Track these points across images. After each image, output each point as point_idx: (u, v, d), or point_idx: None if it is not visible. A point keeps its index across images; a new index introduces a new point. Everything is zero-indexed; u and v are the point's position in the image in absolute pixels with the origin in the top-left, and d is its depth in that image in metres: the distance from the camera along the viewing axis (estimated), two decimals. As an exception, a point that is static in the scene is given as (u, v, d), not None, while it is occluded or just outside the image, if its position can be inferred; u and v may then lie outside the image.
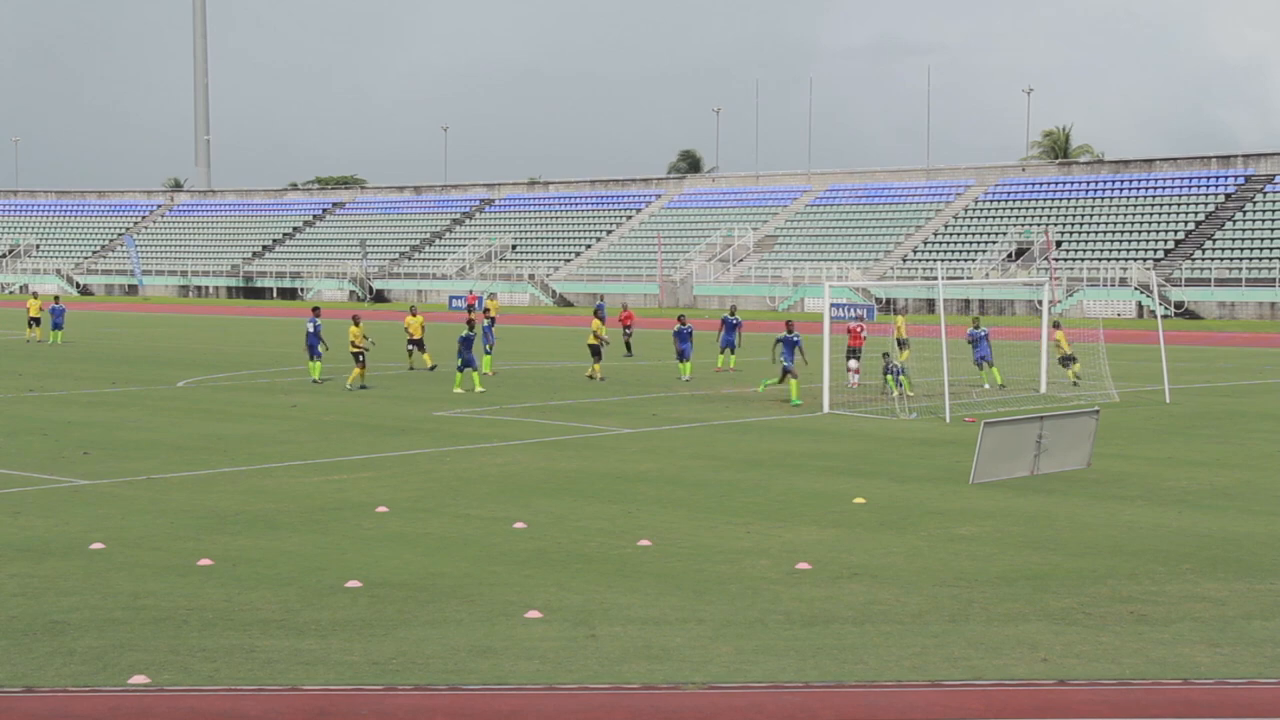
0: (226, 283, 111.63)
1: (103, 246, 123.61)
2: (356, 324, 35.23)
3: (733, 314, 42.02)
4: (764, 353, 45.62)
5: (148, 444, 24.57)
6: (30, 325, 54.46)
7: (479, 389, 33.95)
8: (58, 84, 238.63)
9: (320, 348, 35.72)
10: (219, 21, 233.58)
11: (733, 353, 41.13)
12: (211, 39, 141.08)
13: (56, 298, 57.47)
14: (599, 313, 39.81)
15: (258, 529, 16.96)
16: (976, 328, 36.13)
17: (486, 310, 43.70)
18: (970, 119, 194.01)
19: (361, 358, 34.68)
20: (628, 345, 46.19)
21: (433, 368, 39.67)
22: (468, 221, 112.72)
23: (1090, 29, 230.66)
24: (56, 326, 53.04)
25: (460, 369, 34.34)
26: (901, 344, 41.41)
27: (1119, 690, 10.90)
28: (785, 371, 31.79)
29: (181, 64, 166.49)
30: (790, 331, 32.64)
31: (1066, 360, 36.25)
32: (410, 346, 40.59)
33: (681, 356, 37.80)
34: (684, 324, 38.53)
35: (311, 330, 35.68)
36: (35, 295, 59.91)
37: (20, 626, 12.52)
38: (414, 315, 41.00)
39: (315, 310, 37.32)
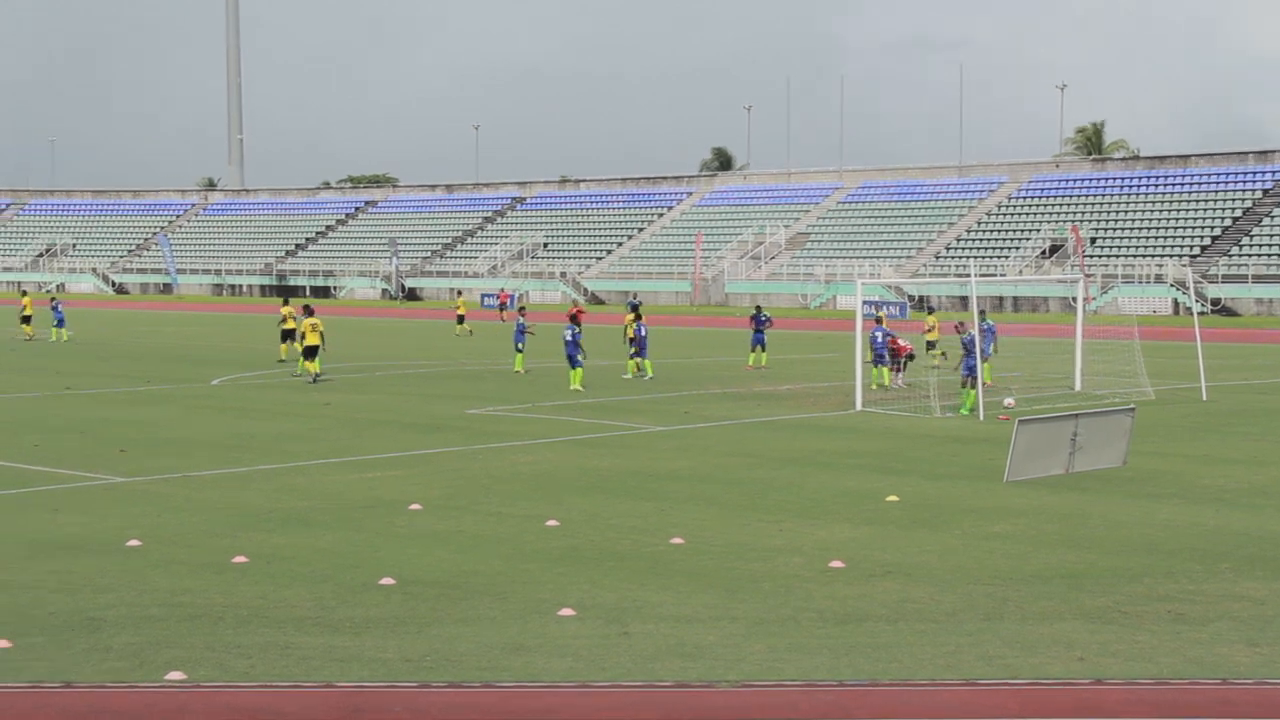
0: (260, 281, 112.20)
1: (138, 245, 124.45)
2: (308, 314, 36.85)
3: (759, 311, 42.00)
4: (788, 350, 45.48)
5: (183, 442, 24.70)
6: (24, 322, 54.88)
7: (575, 387, 34.04)
8: (92, 85, 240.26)
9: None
10: (251, 22, 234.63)
11: (764, 350, 41.12)
12: (244, 39, 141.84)
13: (53, 299, 58.59)
14: (637, 309, 39.93)
15: (292, 526, 17.03)
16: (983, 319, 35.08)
17: (522, 310, 43.77)
18: (1003, 115, 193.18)
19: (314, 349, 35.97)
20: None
21: (282, 361, 41.67)
22: (499, 220, 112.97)
23: (1123, 24, 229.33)
24: (59, 324, 53.93)
25: (574, 367, 34.60)
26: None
27: (1156, 690, 10.83)
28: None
29: (215, 64, 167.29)
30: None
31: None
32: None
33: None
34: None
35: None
36: (25, 293, 60.79)
37: (58, 622, 12.61)
38: (286, 305, 43.75)
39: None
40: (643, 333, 37.56)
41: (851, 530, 16.86)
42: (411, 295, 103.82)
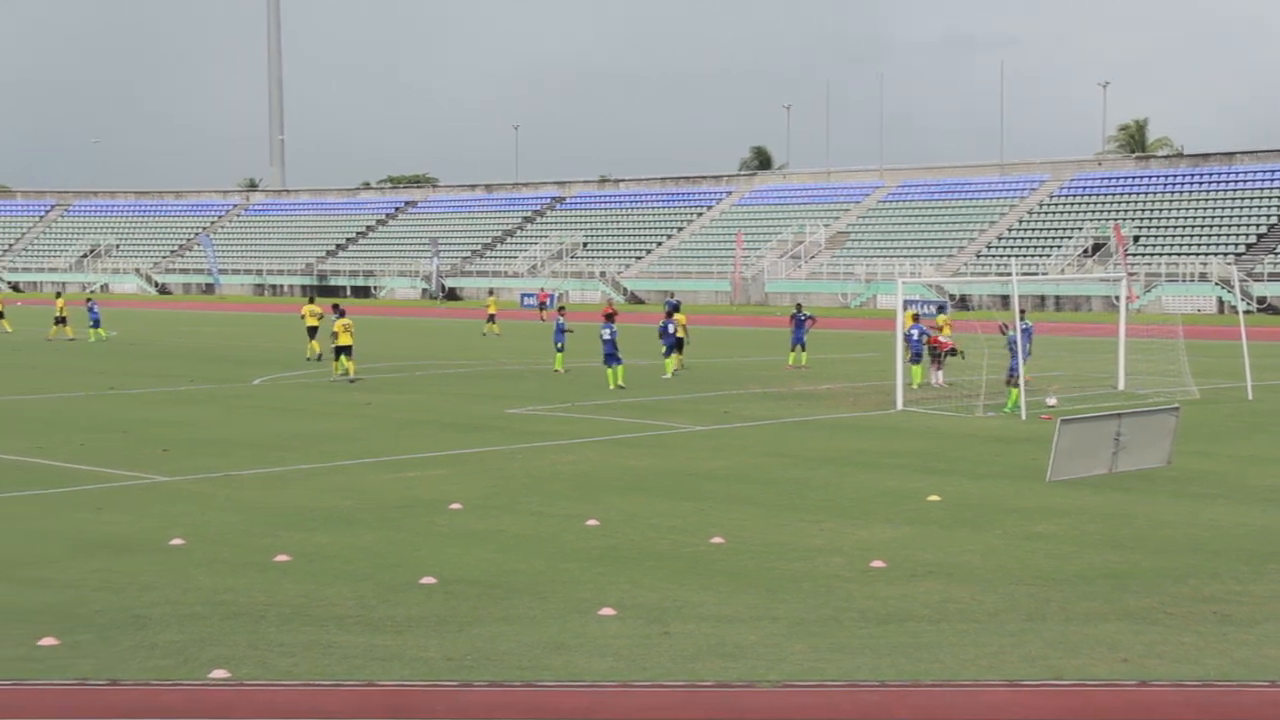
0: (301, 281, 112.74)
1: (180, 246, 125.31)
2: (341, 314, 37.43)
3: (798, 310, 41.99)
4: (828, 350, 45.32)
5: (224, 441, 24.86)
6: (56, 323, 55.20)
7: (619, 384, 34.43)
8: (135, 87, 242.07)
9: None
10: (292, 23, 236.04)
11: (804, 350, 41.04)
12: (285, 40, 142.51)
13: (89, 299, 59.04)
14: (677, 308, 40.01)
15: (333, 525, 17.11)
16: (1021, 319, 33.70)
17: (561, 309, 43.81)
18: (1044, 113, 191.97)
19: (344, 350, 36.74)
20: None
21: (318, 357, 42.43)
22: (539, 219, 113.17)
23: (1167, 20, 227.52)
24: (95, 324, 54.27)
25: (609, 364, 35.06)
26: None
27: (1203, 692, 10.74)
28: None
29: (256, 65, 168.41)
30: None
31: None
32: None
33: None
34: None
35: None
36: (59, 294, 61.23)
37: (104, 620, 12.71)
38: (311, 304, 44.71)
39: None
40: (670, 329, 37.88)
41: (893, 530, 16.80)
42: (451, 295, 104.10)
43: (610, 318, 36.40)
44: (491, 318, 60.92)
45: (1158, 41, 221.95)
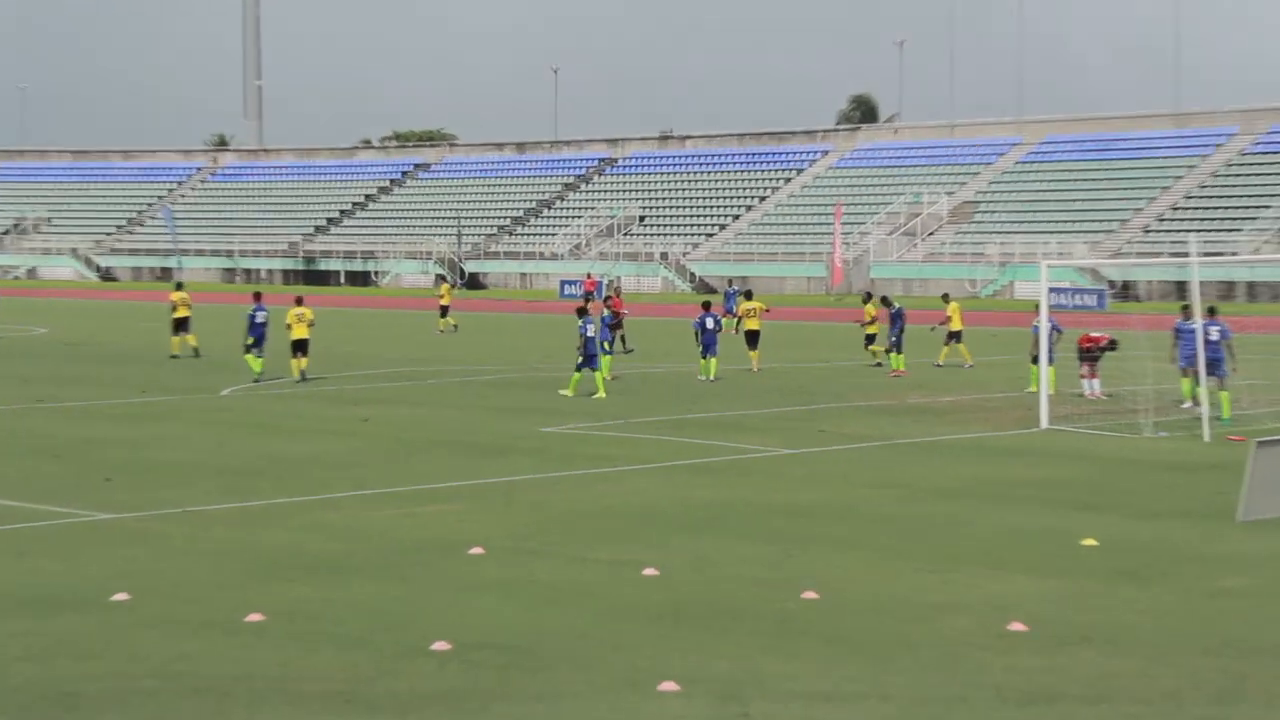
0: (282, 265, 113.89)
1: (129, 220, 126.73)
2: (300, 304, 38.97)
3: (888, 303, 42.30)
4: (933, 354, 45.14)
5: (185, 467, 25.03)
6: None
7: (599, 394, 35.02)
8: (75, 22, 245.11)
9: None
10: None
11: (900, 352, 41.11)
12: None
13: None
14: (748, 295, 40.26)
15: (321, 575, 17.17)
16: (1187, 319, 31.55)
17: (608, 300, 43.90)
18: (1231, 49, 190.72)
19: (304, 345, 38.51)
20: (622, 340, 46.53)
21: (195, 353, 45.47)
22: (584, 187, 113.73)
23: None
24: None
25: (578, 368, 35.66)
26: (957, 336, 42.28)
27: None
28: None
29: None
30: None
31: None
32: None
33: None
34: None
35: (261, 320, 39.42)
36: None
37: (24, 700, 12.76)
38: (179, 290, 47.77)
39: (257, 296, 40.75)
40: (709, 325, 38.75)
41: (1036, 583, 16.71)
42: (473, 283, 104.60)
43: (582, 312, 36.73)
44: (444, 310, 61.04)
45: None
